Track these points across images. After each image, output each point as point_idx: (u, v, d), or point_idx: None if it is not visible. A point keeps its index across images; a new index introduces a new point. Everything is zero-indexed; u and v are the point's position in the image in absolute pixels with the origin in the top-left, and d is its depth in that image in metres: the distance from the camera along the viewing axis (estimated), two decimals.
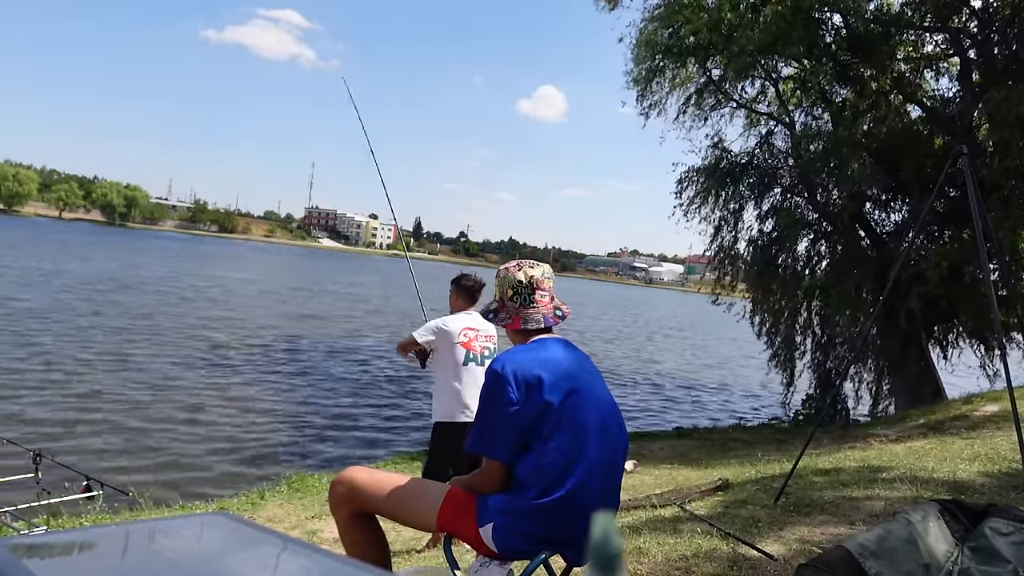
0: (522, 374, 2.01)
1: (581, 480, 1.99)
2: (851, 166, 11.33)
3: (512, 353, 2.11)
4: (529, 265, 2.25)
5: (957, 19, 11.28)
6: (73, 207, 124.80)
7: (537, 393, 1.98)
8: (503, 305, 2.24)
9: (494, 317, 2.25)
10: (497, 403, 2.00)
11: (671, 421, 15.10)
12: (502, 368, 2.02)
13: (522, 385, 1.99)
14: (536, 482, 1.98)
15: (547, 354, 2.09)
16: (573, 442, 2.00)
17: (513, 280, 2.22)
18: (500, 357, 2.09)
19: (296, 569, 1.04)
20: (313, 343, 20.47)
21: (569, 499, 1.98)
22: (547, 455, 1.98)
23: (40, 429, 9.40)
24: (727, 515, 3.93)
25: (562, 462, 1.98)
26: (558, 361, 2.08)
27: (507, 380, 1.99)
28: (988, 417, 7.77)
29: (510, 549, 2.02)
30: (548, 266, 2.32)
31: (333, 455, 10.10)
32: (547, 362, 2.05)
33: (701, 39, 12.48)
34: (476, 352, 3.97)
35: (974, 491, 3.96)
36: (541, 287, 2.23)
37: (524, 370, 2.01)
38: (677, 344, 35.96)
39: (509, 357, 2.08)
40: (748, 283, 14.84)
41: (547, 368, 2.03)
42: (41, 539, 1.60)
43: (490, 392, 2.03)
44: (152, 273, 37.28)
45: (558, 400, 1.99)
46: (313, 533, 5.15)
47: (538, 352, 2.10)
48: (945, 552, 2.22)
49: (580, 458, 2.00)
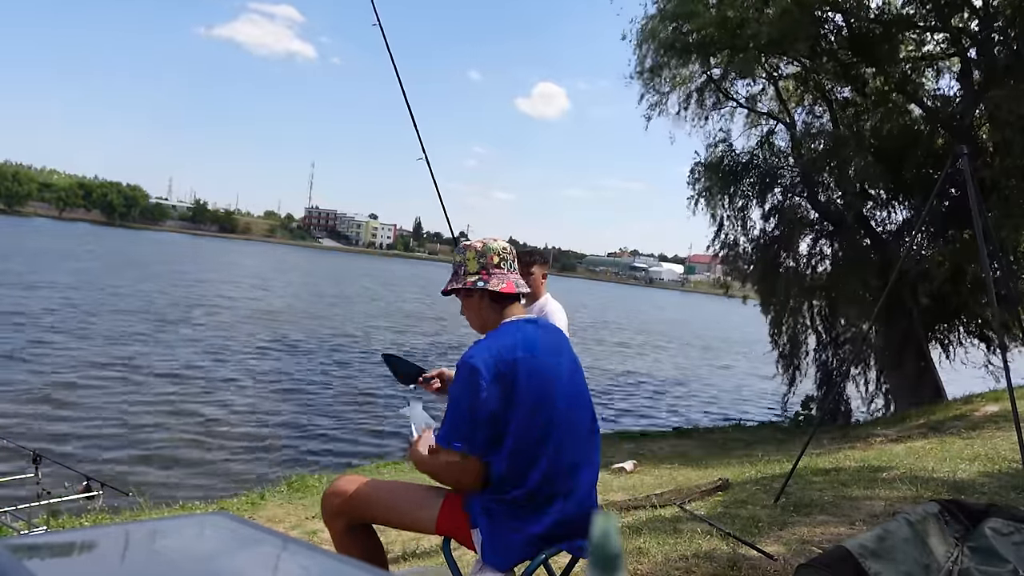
0: (497, 366, 1.95)
1: (552, 467, 1.97)
2: (852, 166, 11.33)
3: (484, 344, 2.04)
4: (492, 239, 2.22)
5: (958, 18, 11.27)
6: (73, 207, 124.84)
7: (512, 384, 1.94)
8: (488, 273, 2.13)
9: (484, 285, 2.12)
10: (472, 400, 1.94)
11: (671, 421, 15.10)
12: (476, 363, 1.96)
13: (498, 377, 1.94)
14: (510, 477, 1.96)
15: (519, 338, 2.04)
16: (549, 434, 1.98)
17: (498, 247, 2.17)
18: (473, 349, 2.02)
19: (296, 569, 1.04)
20: (314, 343, 20.48)
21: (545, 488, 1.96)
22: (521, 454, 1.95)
23: (40, 429, 9.40)
24: (727, 515, 3.93)
25: (531, 453, 1.96)
26: (530, 344, 2.03)
27: (483, 375, 1.94)
28: (988, 417, 7.77)
29: (501, 562, 1.98)
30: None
31: (333, 455, 10.11)
32: (521, 348, 2.00)
33: (705, 35, 12.46)
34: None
35: (974, 491, 3.96)
36: (519, 258, 2.26)
37: (499, 361, 1.96)
38: (678, 344, 35.95)
39: (482, 349, 2.01)
40: (751, 282, 14.84)
41: (521, 355, 1.98)
42: (41, 539, 1.61)
43: (464, 386, 1.96)
44: (154, 274, 37.29)
45: (529, 393, 1.96)
46: (313, 533, 5.15)
47: (509, 338, 2.04)
48: (945, 552, 2.22)
49: (554, 450, 1.98)
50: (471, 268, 2.16)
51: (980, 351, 12.73)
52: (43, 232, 69.64)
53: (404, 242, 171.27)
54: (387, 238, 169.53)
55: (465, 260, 2.18)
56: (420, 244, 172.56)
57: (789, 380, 14.72)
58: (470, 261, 2.17)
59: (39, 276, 28.13)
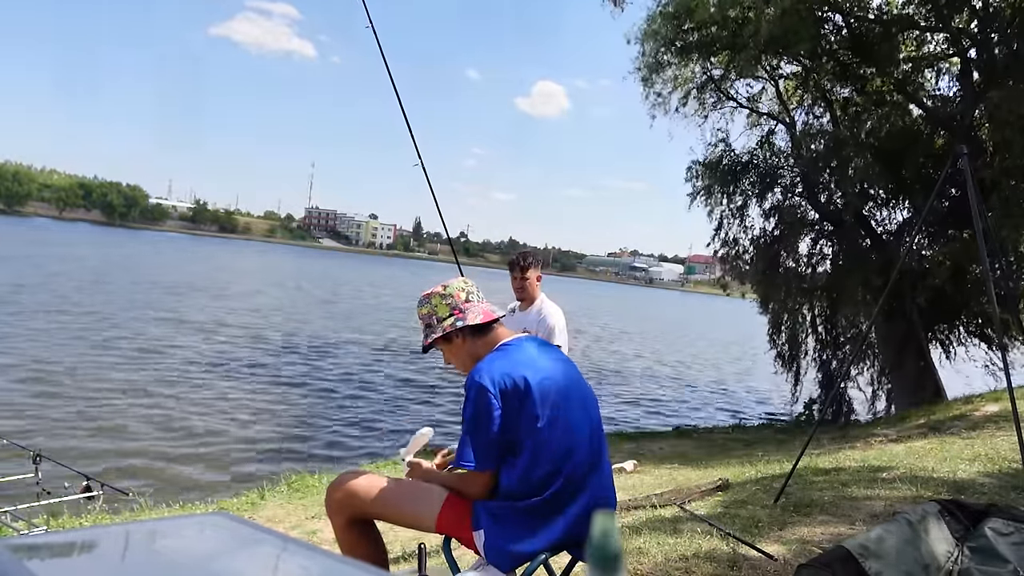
0: (506, 383, 1.96)
1: (568, 479, 1.99)
2: (852, 165, 11.34)
3: (490, 361, 2.04)
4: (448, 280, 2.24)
5: (958, 19, 11.27)
6: (73, 207, 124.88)
7: (521, 402, 1.95)
8: (461, 311, 2.13)
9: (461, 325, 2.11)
10: (484, 418, 1.95)
11: (671, 421, 15.10)
12: (485, 380, 1.97)
13: (508, 395, 1.95)
14: (523, 489, 1.97)
15: (524, 356, 2.05)
16: (559, 447, 1.99)
17: (460, 284, 2.19)
18: (479, 368, 2.02)
19: (296, 569, 1.04)
20: (314, 344, 20.48)
21: (559, 498, 1.98)
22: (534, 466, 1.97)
23: (40, 429, 9.40)
24: (727, 515, 3.93)
25: (549, 467, 1.98)
26: (535, 360, 2.05)
27: (492, 393, 1.95)
28: (988, 417, 7.76)
29: (503, 563, 2.00)
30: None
31: (334, 455, 10.10)
32: (527, 366, 2.01)
33: (706, 35, 12.46)
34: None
35: (974, 491, 3.96)
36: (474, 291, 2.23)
37: (507, 379, 1.97)
38: (677, 345, 35.95)
39: (489, 367, 2.01)
40: (751, 282, 14.85)
41: (529, 374, 1.98)
42: (41, 539, 1.61)
43: (475, 407, 1.97)
44: (156, 274, 37.29)
45: (542, 407, 1.97)
46: (313, 533, 5.14)
47: (516, 355, 2.05)
48: (945, 552, 2.22)
49: (567, 460, 2.00)
50: (442, 314, 2.15)
51: (980, 351, 12.74)
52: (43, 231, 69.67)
53: (404, 242, 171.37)
54: (387, 238, 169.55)
55: (433, 309, 2.16)
56: (420, 244, 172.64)
57: (794, 380, 14.72)
58: (439, 307, 2.15)
59: (39, 276, 28.14)
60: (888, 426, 9.54)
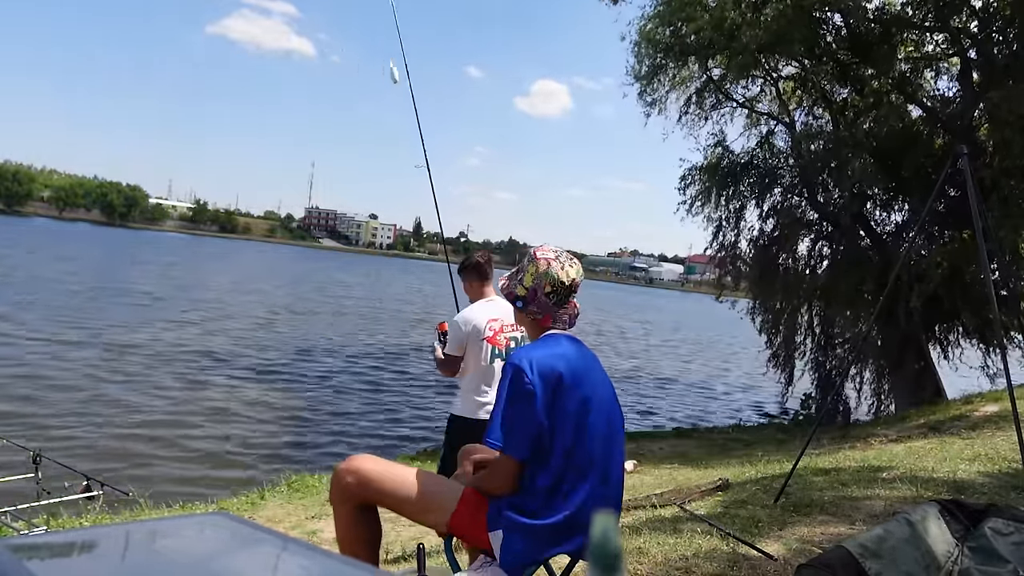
0: (545, 373, 1.97)
1: (589, 494, 2.00)
2: (851, 166, 11.33)
3: (531, 349, 2.06)
4: (569, 262, 2.16)
5: (957, 19, 11.27)
6: (73, 207, 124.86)
7: (556, 395, 1.96)
8: (535, 297, 2.14)
9: (523, 306, 2.16)
10: (520, 399, 1.95)
11: (671, 421, 15.10)
12: (525, 364, 1.97)
13: (545, 384, 1.96)
14: (547, 501, 1.97)
15: (562, 351, 2.06)
16: (584, 455, 2.00)
17: (555, 278, 2.12)
18: (520, 352, 2.03)
19: (296, 569, 1.04)
20: (314, 343, 20.48)
21: (578, 515, 1.99)
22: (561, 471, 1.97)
23: (40, 429, 9.39)
24: (727, 515, 3.93)
25: (574, 478, 1.98)
26: (572, 361, 2.05)
27: (531, 377, 1.95)
28: (988, 417, 7.76)
29: (516, 566, 2.00)
30: (579, 264, 2.23)
31: (334, 455, 10.09)
32: (565, 361, 2.02)
33: (702, 38, 12.47)
34: (501, 347, 3.75)
35: (974, 491, 3.96)
36: (576, 290, 2.19)
37: (546, 369, 1.97)
38: (679, 346, 35.94)
39: (530, 353, 2.02)
40: (749, 283, 14.85)
41: (565, 368, 2.00)
42: (41, 539, 1.60)
43: (513, 387, 1.97)
44: (156, 274, 37.29)
45: (574, 407, 1.98)
46: (313, 533, 5.14)
47: (554, 349, 2.06)
48: (945, 552, 2.22)
49: (590, 471, 2.01)
50: (526, 282, 2.16)
51: (979, 351, 12.74)
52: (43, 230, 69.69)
53: (404, 242, 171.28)
54: (387, 238, 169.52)
55: (524, 274, 2.17)
56: (420, 244, 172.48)
57: (788, 380, 14.73)
58: (526, 278, 2.16)
59: (38, 276, 28.14)
60: (888, 426, 9.54)
